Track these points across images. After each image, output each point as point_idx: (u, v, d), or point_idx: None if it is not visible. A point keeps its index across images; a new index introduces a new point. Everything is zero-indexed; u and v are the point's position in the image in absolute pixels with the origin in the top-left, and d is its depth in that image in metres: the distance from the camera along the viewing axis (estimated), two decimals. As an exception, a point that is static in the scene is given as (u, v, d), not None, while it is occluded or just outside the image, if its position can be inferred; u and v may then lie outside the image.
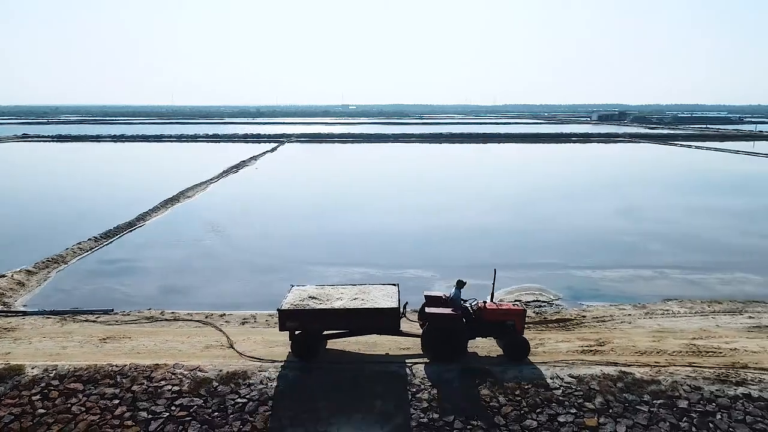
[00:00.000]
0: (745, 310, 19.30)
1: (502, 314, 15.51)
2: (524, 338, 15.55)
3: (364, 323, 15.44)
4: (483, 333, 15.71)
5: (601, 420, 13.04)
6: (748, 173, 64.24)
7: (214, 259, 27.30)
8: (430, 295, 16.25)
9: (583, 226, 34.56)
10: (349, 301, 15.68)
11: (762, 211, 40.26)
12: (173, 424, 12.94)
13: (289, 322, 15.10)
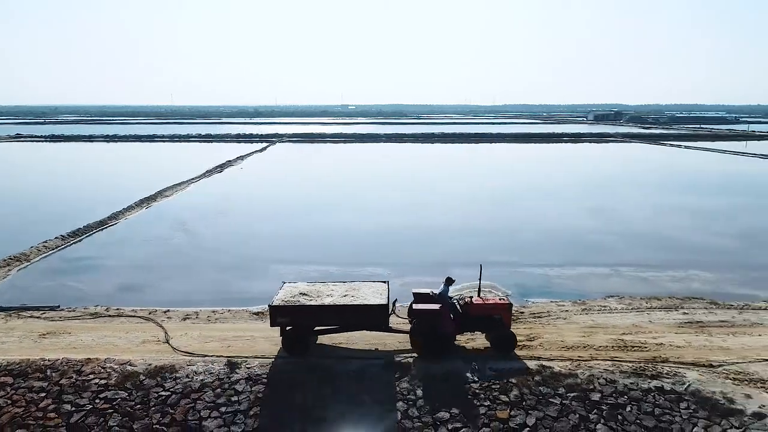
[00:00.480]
0: (681, 306, 19.61)
1: (489, 309, 15.94)
2: (511, 332, 15.94)
3: (354, 319, 15.83)
4: (470, 328, 16.14)
5: (512, 412, 13.38)
6: (730, 173, 64.47)
7: (176, 257, 27.62)
8: (418, 293, 16.61)
9: (549, 226, 34.85)
10: (340, 297, 16.06)
11: (732, 210, 40.49)
12: (95, 416, 13.28)
13: (279, 317, 15.49)
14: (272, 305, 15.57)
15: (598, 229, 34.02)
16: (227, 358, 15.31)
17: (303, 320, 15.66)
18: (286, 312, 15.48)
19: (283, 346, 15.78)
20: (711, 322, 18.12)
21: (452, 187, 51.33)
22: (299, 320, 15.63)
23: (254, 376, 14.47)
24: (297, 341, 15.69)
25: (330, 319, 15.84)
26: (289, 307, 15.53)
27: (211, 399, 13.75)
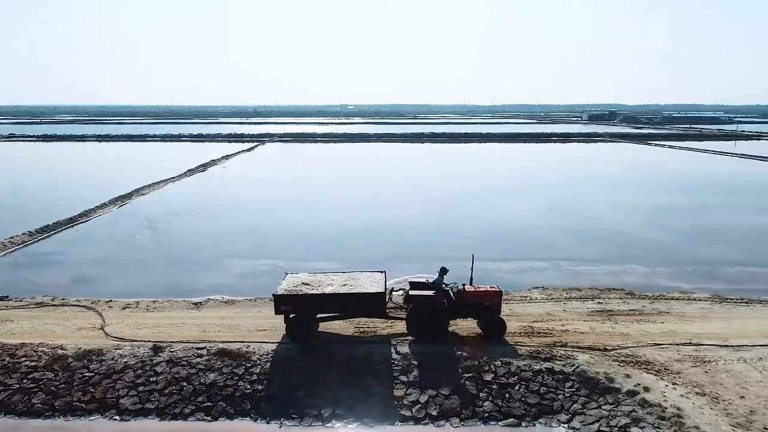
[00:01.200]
0: (599, 296, 20.66)
1: (481, 296, 17.05)
2: (501, 318, 17.02)
3: (354, 307, 16.91)
4: (463, 314, 17.26)
5: (407, 391, 14.42)
6: (702, 172, 65.48)
7: (134, 253, 28.67)
8: (414, 281, 17.77)
9: (504, 222, 35.90)
10: (339, 287, 17.15)
11: (689, 207, 41.49)
12: (20, 394, 14.33)
13: (283, 306, 16.57)
14: (276, 294, 16.63)
15: (551, 225, 35.04)
16: (154, 342, 16.33)
17: (305, 308, 16.70)
18: (289, 300, 16.53)
19: (287, 332, 16.80)
20: (621, 310, 19.16)
21: (420, 186, 52.38)
22: (302, 308, 16.67)
23: (175, 359, 15.50)
24: (300, 328, 16.70)
25: (331, 307, 16.92)
26: (292, 296, 16.56)
27: (131, 379, 14.79)
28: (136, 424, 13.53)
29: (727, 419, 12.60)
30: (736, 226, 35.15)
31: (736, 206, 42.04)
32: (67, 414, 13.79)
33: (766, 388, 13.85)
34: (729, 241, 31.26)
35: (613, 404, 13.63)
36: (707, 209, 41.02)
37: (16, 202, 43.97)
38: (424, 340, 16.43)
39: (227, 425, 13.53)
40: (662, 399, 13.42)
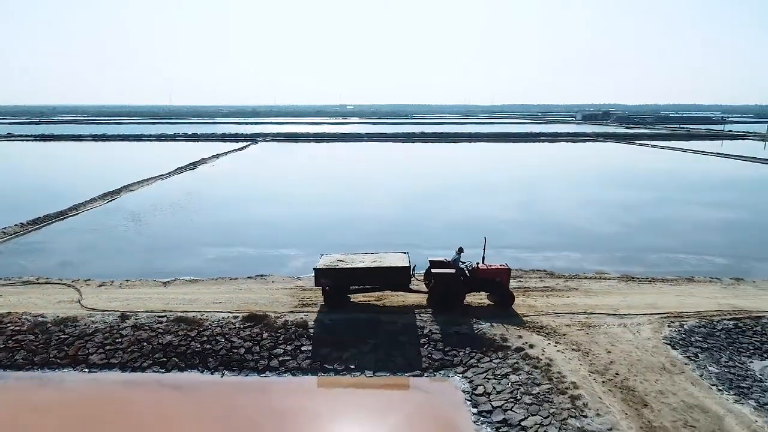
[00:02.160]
0: (522, 276, 23.26)
1: (493, 273, 19.75)
2: (510, 290, 19.64)
3: (383, 280, 19.66)
4: (477, 288, 19.96)
5: (331, 351, 17.01)
6: (673, 169, 68.08)
7: (117, 241, 31.29)
8: (434, 260, 20.43)
9: (470, 215, 38.48)
10: (370, 263, 19.83)
11: (647, 202, 44.06)
12: (5, 352, 16.93)
13: (322, 279, 19.26)
14: (317, 268, 19.27)
15: (511, 218, 37.66)
16: (122, 312, 18.94)
17: (341, 281, 19.38)
18: (328, 274, 19.21)
19: (325, 302, 19.50)
20: (536, 287, 21.78)
21: (395, 182, 54.98)
22: (338, 281, 19.34)
23: (138, 325, 18.10)
24: (337, 298, 19.40)
25: (363, 280, 19.61)
26: (330, 270, 19.27)
27: (99, 340, 17.39)
28: (102, 375, 16.12)
29: (588, 367, 15.21)
30: (682, 218, 37.76)
31: (691, 201, 44.69)
32: (44, 367, 16.39)
33: (631, 346, 16.46)
34: (667, 232, 33.88)
35: (502, 358, 16.23)
36: (663, 203, 43.62)
37: (10, 196, 46.53)
38: (443, 312, 18.88)
39: (178, 376, 16.12)
40: (541, 353, 16.04)
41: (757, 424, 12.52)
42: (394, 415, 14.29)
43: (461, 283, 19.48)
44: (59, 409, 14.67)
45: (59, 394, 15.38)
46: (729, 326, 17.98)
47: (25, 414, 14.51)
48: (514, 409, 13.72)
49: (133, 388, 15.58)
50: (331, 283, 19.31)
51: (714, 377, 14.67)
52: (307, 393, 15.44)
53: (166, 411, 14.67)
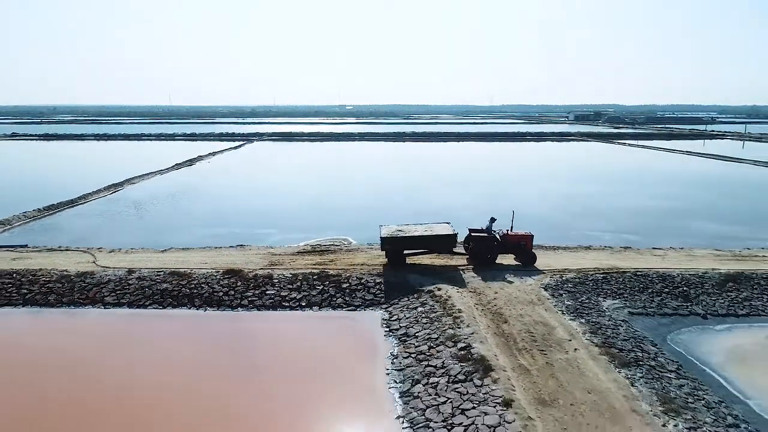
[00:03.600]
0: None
1: (519, 238, 25.32)
2: (533, 252, 25.08)
3: (433, 245, 25.08)
4: (506, 251, 25.47)
5: (290, 292, 22.27)
6: (639, 165, 73.42)
7: (122, 222, 36.60)
8: (472, 228, 25.99)
9: (432, 204, 43.72)
10: (423, 231, 25.30)
11: (601, 194, 49.32)
12: (40, 295, 22.18)
13: (386, 245, 24.71)
14: (382, 236, 24.70)
15: (471, 205, 42.85)
16: (128, 268, 24.21)
17: (401, 245, 24.76)
18: (390, 241, 24.64)
19: (389, 262, 24.91)
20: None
21: (372, 175, 60.25)
22: (399, 246, 24.73)
23: (142, 277, 23.34)
24: (396, 259, 24.82)
25: (417, 245, 24.96)
26: (392, 238, 24.68)
27: (111, 287, 22.64)
28: (114, 311, 21.36)
29: (475, 301, 20.49)
30: (621, 207, 42.93)
31: (639, 193, 49.97)
32: (70, 305, 21.63)
33: (515, 290, 21.73)
34: (601, 217, 39.05)
35: (417, 297, 21.49)
36: (612, 195, 48.87)
37: (26, 188, 51.76)
38: (480, 268, 24.39)
39: (171, 311, 21.36)
40: (444, 294, 21.31)
41: (576, 329, 17.79)
42: (332, 334, 19.53)
43: (494, 245, 24.96)
44: (83, 333, 19.90)
45: (83, 323, 20.61)
46: (599, 278, 23.27)
47: (59, 335, 19.77)
48: (413, 326, 19.00)
49: (138, 319, 20.83)
50: (392, 248, 24.79)
51: (565, 308, 19.94)
52: (269, 322, 20.67)
53: (163, 334, 19.89)
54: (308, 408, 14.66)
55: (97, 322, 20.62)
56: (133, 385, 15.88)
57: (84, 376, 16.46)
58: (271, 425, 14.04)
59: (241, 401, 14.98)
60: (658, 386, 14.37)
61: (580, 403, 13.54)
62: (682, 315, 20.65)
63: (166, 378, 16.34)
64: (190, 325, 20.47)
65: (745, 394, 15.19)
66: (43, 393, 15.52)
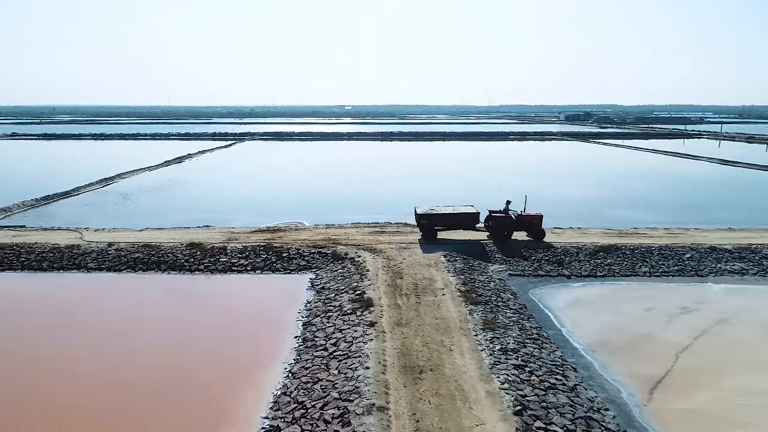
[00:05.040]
0: (383, 227, 33.52)
1: (531, 218, 30.42)
2: (543, 229, 30.18)
3: (461, 222, 30.32)
4: (520, 229, 30.49)
5: (242, 260, 27.31)
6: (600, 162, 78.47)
7: (110, 209, 41.64)
8: (491, 210, 30.96)
9: (392, 196, 48.74)
10: (451, 211, 30.55)
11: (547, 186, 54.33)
12: (35, 262, 27.21)
13: (422, 220, 30.00)
14: (417, 213, 30.08)
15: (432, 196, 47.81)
16: (108, 242, 29.26)
17: (433, 222, 30.01)
18: (425, 217, 30.03)
19: (423, 236, 30.15)
20: (389, 231, 32.09)
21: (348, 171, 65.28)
22: (431, 222, 29.98)
23: (119, 248, 28.37)
24: (430, 232, 29.99)
25: (447, 222, 30.22)
26: (427, 214, 30.10)
27: (93, 256, 27.67)
28: (95, 274, 26.38)
29: (384, 264, 25.51)
30: (553, 197, 47.89)
31: (579, 185, 54.92)
32: (59, 270, 26.65)
33: (420, 257, 26.74)
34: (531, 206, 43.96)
35: (341, 263, 26.51)
36: (551, 187, 53.83)
37: (24, 181, 56.78)
38: (499, 241, 29.60)
39: (142, 274, 26.36)
40: (362, 260, 26.34)
41: (451, 282, 22.82)
42: (267, 289, 24.55)
43: (510, 224, 30.13)
44: (71, 290, 24.92)
45: (69, 283, 25.63)
46: (492, 248, 28.30)
47: (50, 292, 24.81)
48: (330, 282, 24.04)
49: (115, 280, 25.85)
50: (426, 223, 30.06)
51: (454, 269, 24.95)
52: (218, 282, 25.65)
53: (134, 290, 24.91)
54: (234, 334, 19.71)
55: (79, 282, 25.63)
56: (102, 325, 20.94)
57: (66, 322, 21.49)
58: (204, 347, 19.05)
59: (187, 332, 20.03)
60: (490, 316, 19.40)
61: (425, 325, 18.58)
62: (551, 276, 25.68)
63: (129, 321, 21.40)
64: (156, 283, 25.49)
65: (561, 324, 20.23)
66: (35, 335, 20.57)
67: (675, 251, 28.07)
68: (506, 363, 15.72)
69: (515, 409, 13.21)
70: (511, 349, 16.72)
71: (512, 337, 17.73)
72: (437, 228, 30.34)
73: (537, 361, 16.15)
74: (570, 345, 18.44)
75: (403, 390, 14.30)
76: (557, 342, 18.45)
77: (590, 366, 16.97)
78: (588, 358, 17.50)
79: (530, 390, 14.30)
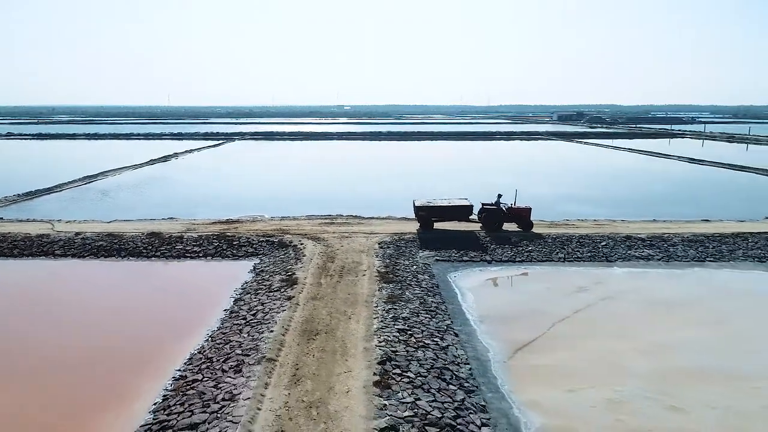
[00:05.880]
0: (334, 218, 36.16)
1: (520, 210, 33.07)
2: (531, 221, 32.78)
3: (455, 214, 32.84)
4: (510, 220, 33.13)
5: (196, 248, 29.97)
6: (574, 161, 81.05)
7: (86, 204, 44.26)
8: (484, 202, 33.55)
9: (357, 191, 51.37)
10: (447, 203, 33.14)
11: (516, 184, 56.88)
12: (7, 249, 29.86)
13: (419, 212, 32.61)
14: (416, 205, 32.72)
15: (404, 194, 50.47)
16: (76, 232, 31.89)
17: (430, 213, 32.66)
18: (423, 209, 32.63)
19: (420, 226, 32.85)
20: (339, 222, 34.72)
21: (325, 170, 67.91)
22: (428, 213, 32.63)
23: (85, 237, 30.99)
24: (427, 223, 32.69)
25: (443, 213, 32.80)
26: (424, 206, 32.73)
27: (61, 244, 30.26)
28: (61, 260, 29.01)
29: (321, 250, 28.13)
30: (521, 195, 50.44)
31: (540, 182, 57.50)
32: (29, 257, 29.27)
33: (357, 244, 29.36)
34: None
35: (284, 250, 29.14)
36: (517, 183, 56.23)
37: (11, 179, 59.40)
38: (490, 232, 32.22)
39: (103, 260, 28.98)
40: (303, 246, 28.98)
41: (376, 265, 25.43)
42: (214, 273, 27.16)
43: (501, 216, 32.79)
44: (40, 274, 27.53)
45: (37, 267, 28.26)
46: (429, 237, 30.91)
47: (18, 275, 27.45)
48: (269, 266, 26.65)
49: (77, 265, 28.46)
50: (424, 215, 32.79)
51: (383, 255, 27.55)
52: (171, 265, 28.27)
53: (93, 273, 27.52)
54: (174, 309, 22.37)
55: (46, 266, 28.25)
56: (58, 302, 23.60)
57: (31, 298, 24.16)
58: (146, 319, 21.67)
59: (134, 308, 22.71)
60: (398, 292, 22.01)
61: (336, 299, 21.20)
62: (474, 261, 28.25)
63: (84, 298, 24.07)
64: (116, 267, 28.09)
65: (464, 300, 22.81)
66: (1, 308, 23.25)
67: (593, 239, 30.71)
68: (392, 327, 18.33)
69: (381, 359, 15.81)
70: (403, 318, 19.33)
71: (409, 309, 20.33)
72: (434, 219, 33.05)
73: (422, 327, 18.76)
74: (463, 316, 21.03)
75: (296, 347, 16.92)
76: (453, 314, 21.04)
77: (473, 332, 19.57)
78: (474, 327, 20.09)
79: (403, 347, 16.90)
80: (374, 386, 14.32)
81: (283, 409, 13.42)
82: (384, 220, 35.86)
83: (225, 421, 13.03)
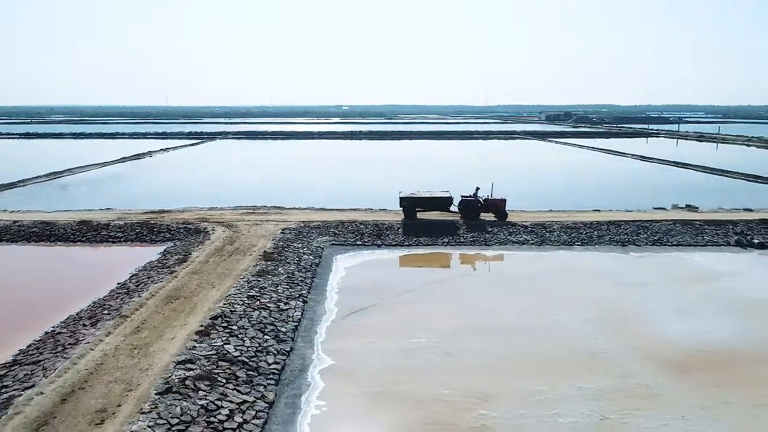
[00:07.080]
0: (259, 209, 39.26)
1: (496, 202, 36.23)
2: (506, 211, 35.81)
3: (437, 204, 36.10)
4: (486, 211, 36.23)
5: (119, 234, 33.15)
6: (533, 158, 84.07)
7: (43, 196, 47.55)
8: (464, 195, 36.60)
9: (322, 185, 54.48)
10: (429, 195, 36.42)
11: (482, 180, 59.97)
12: (11, 235, 33.05)
13: (403, 202, 35.70)
14: (401, 196, 35.76)
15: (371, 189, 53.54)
16: (13, 220, 35.03)
17: (413, 203, 35.81)
18: (406, 200, 35.82)
19: (404, 215, 35.88)
20: (260, 213, 37.83)
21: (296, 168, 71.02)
22: (412, 203, 35.75)
23: (59, 226, 33.97)
24: (410, 213, 35.72)
25: (425, 204, 36.04)
26: (408, 198, 35.92)
27: (37, 232, 33.37)
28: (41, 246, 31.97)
29: (229, 234, 31.24)
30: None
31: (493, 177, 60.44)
32: (11, 243, 32.25)
33: (265, 231, 32.47)
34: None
35: (197, 236, 32.20)
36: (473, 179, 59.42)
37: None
38: (468, 220, 35.32)
39: (33, 245, 32.12)
40: (212, 231, 32.08)
41: (267, 247, 28.53)
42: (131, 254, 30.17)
43: (478, 207, 36.08)
44: None
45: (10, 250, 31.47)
46: (332, 224, 34.04)
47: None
48: (178, 248, 29.72)
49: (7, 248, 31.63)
50: (407, 205, 35.91)
51: (281, 240, 30.60)
52: (93, 249, 31.41)
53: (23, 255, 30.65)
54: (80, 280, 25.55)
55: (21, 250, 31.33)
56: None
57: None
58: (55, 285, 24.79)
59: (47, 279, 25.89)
60: (271, 268, 25.10)
61: (213, 273, 24.31)
62: (366, 245, 31.33)
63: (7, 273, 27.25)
64: (40, 251, 31.26)
65: (335, 276, 25.87)
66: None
67: (482, 226, 33.79)
68: (244, 294, 21.46)
69: (214, 316, 18.93)
70: (259, 287, 22.46)
71: (273, 281, 23.45)
72: (417, 210, 36.20)
73: (273, 295, 21.88)
74: (324, 288, 24.14)
75: (153, 308, 20.06)
76: (316, 287, 24.14)
77: (323, 300, 22.68)
78: (327, 296, 23.20)
79: (242, 308, 20.02)
80: (195, 334, 17.43)
81: (111, 349, 16.55)
82: (302, 210, 38.98)
83: (61, 357, 16.16)
